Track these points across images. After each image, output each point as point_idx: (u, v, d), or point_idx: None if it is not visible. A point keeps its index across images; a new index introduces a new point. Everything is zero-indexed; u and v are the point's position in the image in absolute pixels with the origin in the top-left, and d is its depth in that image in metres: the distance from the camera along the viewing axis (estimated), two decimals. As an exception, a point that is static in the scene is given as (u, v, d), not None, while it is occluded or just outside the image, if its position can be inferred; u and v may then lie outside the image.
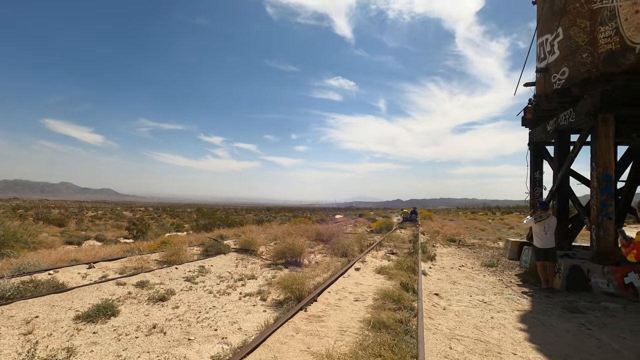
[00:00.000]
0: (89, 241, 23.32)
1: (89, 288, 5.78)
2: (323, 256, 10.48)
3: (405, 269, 8.26)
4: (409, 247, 13.53)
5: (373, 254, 11.31)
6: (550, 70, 9.75)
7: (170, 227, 36.91)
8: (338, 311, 5.18)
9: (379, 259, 10.51)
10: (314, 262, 9.38)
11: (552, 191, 10.07)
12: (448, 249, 13.92)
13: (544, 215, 7.48)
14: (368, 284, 7.11)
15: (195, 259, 9.08)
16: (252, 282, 6.95)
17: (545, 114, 10.31)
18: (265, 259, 9.50)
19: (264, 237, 14.26)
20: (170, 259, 8.33)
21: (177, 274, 7.27)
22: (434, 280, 7.71)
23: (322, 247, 12.42)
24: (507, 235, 20.09)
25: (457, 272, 9.06)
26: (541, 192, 12.05)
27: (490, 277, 8.64)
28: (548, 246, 7.44)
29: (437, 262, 10.42)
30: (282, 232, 15.19)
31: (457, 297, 6.38)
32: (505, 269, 9.88)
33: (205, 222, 27.99)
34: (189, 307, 5.22)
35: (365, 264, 9.29)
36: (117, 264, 7.89)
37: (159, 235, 25.97)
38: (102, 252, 11.24)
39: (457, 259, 11.37)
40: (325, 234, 14.06)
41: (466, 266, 10.04)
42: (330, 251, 11.14)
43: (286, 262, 8.87)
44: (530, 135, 12.08)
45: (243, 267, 8.47)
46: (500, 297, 6.56)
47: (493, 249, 14.04)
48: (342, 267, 8.33)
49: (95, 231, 31.65)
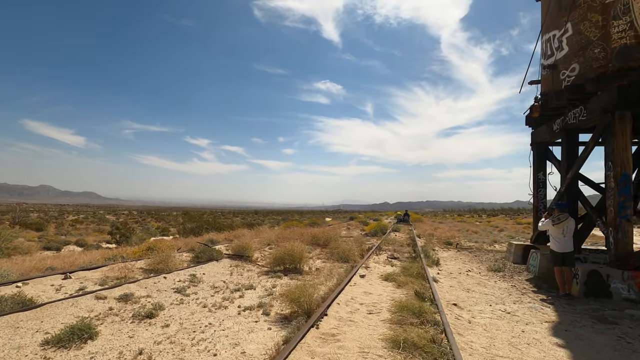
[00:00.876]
0: (68, 246, 22.04)
1: (63, 304, 4.99)
2: (322, 262, 9.84)
3: (414, 275, 7.70)
4: (409, 251, 13.02)
5: (374, 258, 10.74)
6: (559, 67, 9.41)
7: (156, 231, 35.56)
8: (353, 327, 4.56)
9: (382, 264, 9.94)
10: (314, 268, 8.73)
11: (560, 192, 9.71)
12: (448, 252, 13.47)
13: (562, 217, 7.04)
14: (377, 293, 6.51)
15: (185, 266, 8.31)
16: (251, 292, 6.25)
17: (552, 113, 9.96)
18: (262, 266, 8.79)
19: (257, 241, 13.52)
20: (158, 267, 7.54)
21: (165, 284, 6.51)
22: (447, 288, 7.16)
23: (319, 251, 11.78)
24: (500, 238, 19.86)
25: (466, 277, 8.55)
26: (545, 194, 11.73)
27: (501, 283, 8.17)
28: (566, 250, 7.00)
29: (442, 267, 9.91)
30: (276, 236, 14.49)
31: (478, 308, 5.84)
32: (514, 273, 9.44)
33: (193, 225, 26.95)
34: (181, 326, 4.51)
35: (369, 270, 8.69)
36: (97, 273, 7.07)
37: (144, 240, 24.78)
38: (82, 259, 10.32)
39: (460, 263, 10.90)
40: (321, 238, 13.43)
41: (473, 271, 9.56)
42: (329, 256, 10.51)
43: (285, 269, 8.20)
44: (533, 135, 11.76)
45: (238, 275, 7.75)
46: (521, 307, 6.05)
47: (493, 253, 13.67)
48: (346, 274, 7.71)
49: (75, 236, 30.13)
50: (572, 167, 9.27)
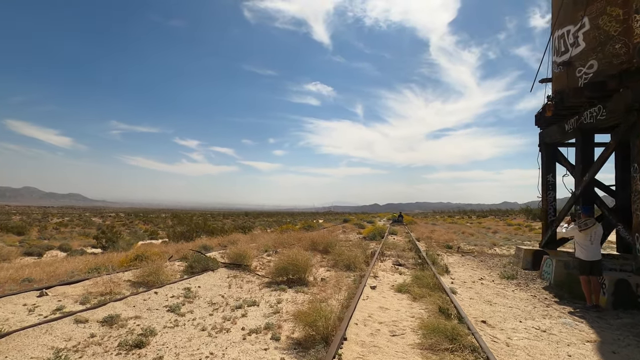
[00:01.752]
0: (51, 251, 20.89)
1: (35, 331, 4.21)
2: (327, 270, 9.18)
3: (429, 286, 7.11)
4: (412, 256, 12.47)
5: (380, 265, 10.13)
6: (575, 63, 8.98)
7: (144, 235, 34.32)
8: (380, 355, 3.92)
9: (389, 272, 9.34)
10: (319, 278, 8.06)
11: (575, 195, 9.27)
12: (452, 257, 12.96)
13: (589, 222, 6.54)
14: (395, 308, 5.89)
15: (179, 277, 7.54)
16: (254, 310, 5.55)
17: (566, 112, 9.52)
18: (262, 276, 8.08)
19: (254, 247, 12.77)
20: (148, 279, 6.77)
21: (157, 301, 5.76)
22: (467, 301, 6.58)
23: (321, 258, 11.11)
24: (498, 241, 19.51)
25: (482, 287, 8.01)
26: (555, 197, 11.30)
27: (519, 292, 7.64)
28: (594, 258, 6.50)
29: (453, 275, 9.36)
30: (273, 241, 13.77)
31: (509, 325, 5.26)
32: (527, 281, 8.95)
33: (183, 229, 25.93)
34: (177, 357, 3.80)
35: (378, 280, 8.08)
36: (78, 288, 6.26)
37: (131, 244, 23.69)
38: (64, 267, 9.46)
39: (470, 270, 10.38)
40: (320, 243, 12.76)
41: (486, 279, 9.04)
42: (332, 264, 9.86)
43: (288, 279, 7.51)
44: (542, 136, 11.33)
45: (238, 287, 7.03)
46: (554, 322, 5.51)
47: (497, 257, 13.22)
48: (356, 286, 7.08)
49: (59, 240, 28.78)
50: (590, 169, 8.83)
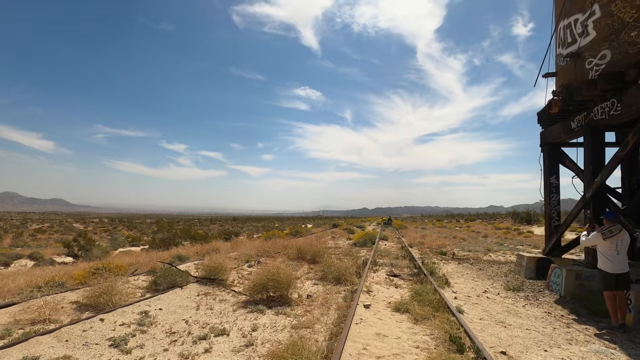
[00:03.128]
0: (20, 260, 19.33)
1: None
2: (314, 284, 8.13)
3: (431, 304, 6.15)
4: (407, 265, 11.53)
5: (373, 277, 9.14)
6: (584, 54, 8.23)
7: (125, 241, 32.67)
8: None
9: (384, 284, 8.35)
10: (304, 294, 7.02)
11: (585, 199, 8.48)
12: (449, 265, 12.08)
13: (614, 229, 5.68)
14: (394, 334, 4.88)
15: (139, 296, 6.40)
16: (223, 342, 4.47)
17: (574, 108, 8.77)
18: (239, 293, 6.98)
19: (234, 256, 11.65)
20: (97, 301, 5.62)
21: (100, 331, 4.62)
22: (477, 322, 5.63)
23: (307, 269, 10.06)
24: (492, 246, 18.76)
25: (488, 302, 7.09)
26: (558, 200, 10.54)
27: (531, 308, 6.74)
28: (621, 271, 5.64)
29: (454, 287, 8.43)
30: (257, 249, 12.66)
31: (534, 358, 4.31)
32: (535, 293, 8.11)
33: (164, 236, 24.47)
34: None
35: (372, 296, 7.07)
36: (5, 315, 5.08)
37: (108, 252, 22.21)
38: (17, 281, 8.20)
39: (470, 280, 9.48)
40: (308, 252, 11.71)
41: (490, 291, 8.14)
42: (320, 276, 8.82)
43: (268, 297, 6.44)
44: (544, 135, 10.58)
45: (208, 309, 5.93)
46: (584, 351, 4.60)
47: (497, 265, 12.41)
48: (346, 305, 6.06)
49: (33, 247, 27.03)
50: (602, 170, 8.05)
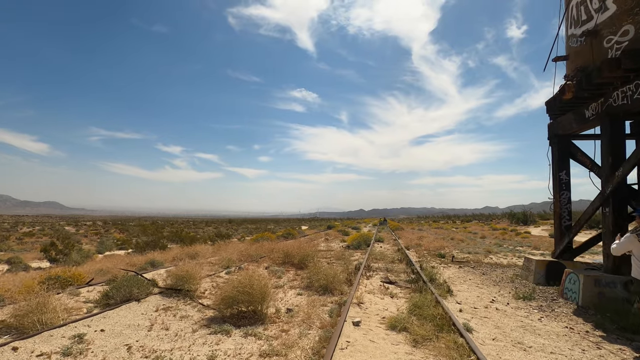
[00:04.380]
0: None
1: None
2: (297, 293, 7.09)
3: (432, 319, 5.15)
4: (404, 269, 10.53)
5: (366, 284, 8.12)
6: (602, 32, 7.30)
7: (112, 245, 31.46)
8: None
9: (377, 294, 7.33)
10: (284, 308, 5.98)
11: (603, 195, 7.53)
12: (449, 269, 11.10)
13: (653, 229, 4.72)
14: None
15: (84, 313, 5.34)
16: (164, 378, 3.44)
17: (589, 94, 7.82)
18: (206, 307, 5.93)
19: (214, 261, 10.59)
20: (23, 321, 4.55)
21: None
22: (490, 344, 4.62)
23: (293, 275, 9.03)
24: (491, 248, 17.80)
25: (499, 315, 6.10)
26: (569, 197, 9.59)
27: (549, 322, 5.76)
28: (660, 279, 4.68)
29: (457, 295, 7.44)
30: (239, 253, 11.61)
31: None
32: (549, 302, 7.15)
33: (149, 239, 23.32)
34: None
35: (363, 310, 6.04)
36: None
37: (91, 256, 21.07)
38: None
39: (474, 287, 8.50)
40: (295, 255, 10.69)
41: (498, 301, 7.16)
42: (306, 284, 7.79)
43: (239, 313, 5.40)
44: (553, 127, 9.64)
45: (163, 329, 4.87)
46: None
47: (500, 268, 11.46)
48: (333, 322, 5.04)
49: (17, 251, 25.80)
50: (624, 163, 7.11)
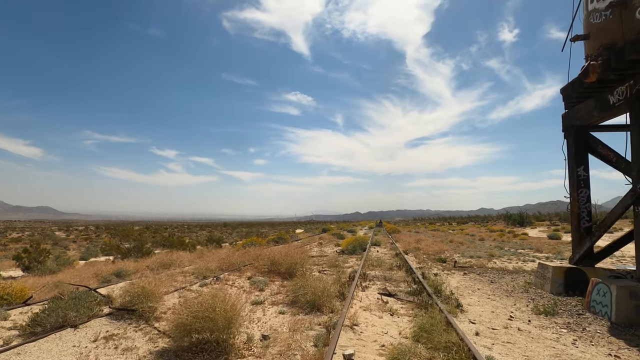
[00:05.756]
0: (-32, 275, 16.77)
1: None
2: (279, 311, 5.93)
3: (449, 351, 4.03)
4: (404, 278, 9.39)
5: (361, 298, 6.98)
6: (634, 1, 6.32)
7: (98, 250, 29.98)
8: None
9: (375, 311, 6.19)
10: (258, 333, 4.83)
11: (635, 192, 6.48)
12: (454, 277, 10.01)
13: None
14: None
15: (1, 344, 4.17)
16: None
17: (615, 76, 6.80)
18: (161, 334, 4.76)
19: (191, 270, 9.39)
20: None
21: None
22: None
23: (278, 287, 7.86)
24: (494, 251, 16.76)
25: (522, 337, 4.99)
26: (588, 196, 8.54)
27: (586, 348, 4.68)
28: None
29: (468, 311, 6.32)
30: (223, 261, 10.41)
31: None
32: (575, 317, 6.09)
33: (131, 245, 21.96)
34: None
35: (358, 334, 4.89)
36: None
37: (71, 262, 19.80)
38: None
39: (485, 299, 7.39)
40: (283, 263, 9.53)
41: (517, 318, 6.06)
42: (291, 299, 6.63)
43: (200, 342, 4.25)
44: (569, 117, 8.60)
45: (93, 369, 3.72)
46: None
47: (509, 274, 10.41)
48: (318, 356, 3.91)
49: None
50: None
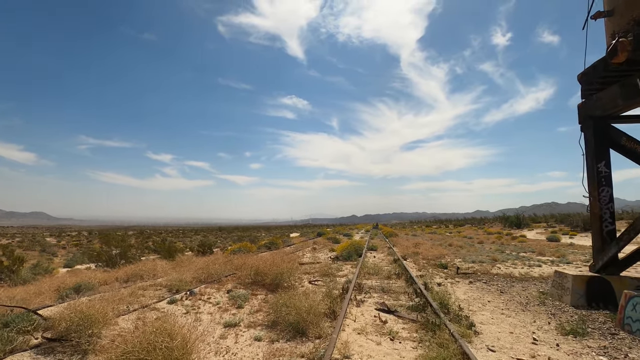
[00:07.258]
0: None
1: None
2: (254, 337, 4.89)
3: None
4: (404, 289, 8.36)
5: (355, 316, 5.95)
6: (672, -35, 5.41)
7: (83, 258, 28.64)
8: None
9: (371, 334, 5.16)
10: (224, 371, 3.79)
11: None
12: (459, 286, 9.01)
13: None
14: None
15: None
16: None
17: None
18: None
19: (164, 282, 8.31)
20: None
21: None
22: None
23: (260, 303, 6.80)
24: (496, 255, 15.76)
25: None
26: (611, 195, 7.57)
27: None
28: None
29: (483, 331, 5.31)
30: (201, 271, 9.32)
31: None
32: (609, 338, 5.10)
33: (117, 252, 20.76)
34: None
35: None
36: None
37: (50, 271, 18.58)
38: None
39: (499, 315, 6.39)
40: (268, 273, 8.48)
41: (541, 340, 5.06)
42: (271, 319, 5.59)
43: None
44: (587, 107, 7.66)
45: None
46: None
47: (518, 282, 9.45)
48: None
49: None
50: None
